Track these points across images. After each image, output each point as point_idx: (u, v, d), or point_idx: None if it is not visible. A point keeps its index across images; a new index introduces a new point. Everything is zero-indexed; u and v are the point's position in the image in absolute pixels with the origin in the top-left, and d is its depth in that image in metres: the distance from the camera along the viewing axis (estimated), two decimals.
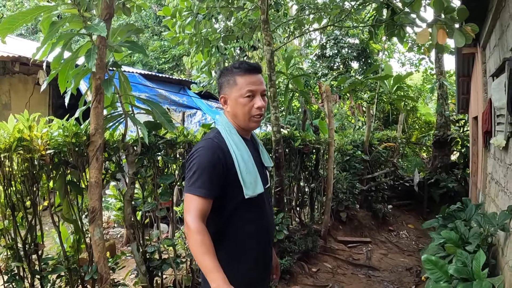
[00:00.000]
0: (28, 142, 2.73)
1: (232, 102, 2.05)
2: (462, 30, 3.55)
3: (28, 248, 3.03)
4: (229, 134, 2.04)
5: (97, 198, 2.92)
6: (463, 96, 8.96)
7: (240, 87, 2.01)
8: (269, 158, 2.29)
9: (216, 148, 1.95)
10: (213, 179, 1.90)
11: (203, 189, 1.87)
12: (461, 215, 5.58)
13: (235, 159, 1.97)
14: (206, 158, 1.91)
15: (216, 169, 1.91)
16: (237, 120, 2.07)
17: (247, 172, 1.98)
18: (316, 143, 6.36)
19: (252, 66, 2.07)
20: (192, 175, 1.90)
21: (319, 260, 5.83)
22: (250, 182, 1.97)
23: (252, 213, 2.04)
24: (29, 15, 2.94)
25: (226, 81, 2.06)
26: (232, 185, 1.95)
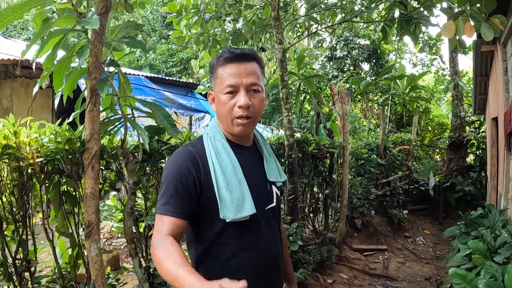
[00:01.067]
0: (15, 149, 2.46)
1: (216, 100, 1.64)
2: (489, 23, 3.24)
3: (20, 265, 2.76)
4: (212, 140, 1.63)
5: (94, 211, 2.64)
6: (481, 97, 8.66)
7: (221, 81, 1.60)
8: (279, 170, 1.80)
9: (187, 157, 1.57)
10: (183, 194, 1.51)
11: (169, 206, 1.49)
12: (484, 222, 5.28)
13: (212, 172, 1.56)
14: (174, 170, 1.55)
15: (185, 183, 1.52)
16: (222, 122, 1.66)
17: (229, 188, 1.55)
18: (330, 147, 6.07)
19: (235, 53, 1.61)
20: (160, 190, 1.56)
21: (335, 270, 5.52)
22: (231, 202, 1.53)
23: (243, 240, 1.60)
24: (19, 11, 2.68)
25: (212, 74, 1.67)
26: (211, 204, 1.54)
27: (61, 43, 2.83)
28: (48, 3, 2.80)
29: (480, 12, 3.39)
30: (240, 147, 1.68)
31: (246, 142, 1.72)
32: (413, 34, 5.07)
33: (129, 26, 3.09)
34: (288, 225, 4.75)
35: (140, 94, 8.84)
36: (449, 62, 10.32)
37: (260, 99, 1.63)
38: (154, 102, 8.56)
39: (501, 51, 5.32)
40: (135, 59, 17.61)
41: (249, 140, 1.74)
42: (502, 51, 5.28)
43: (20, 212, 2.72)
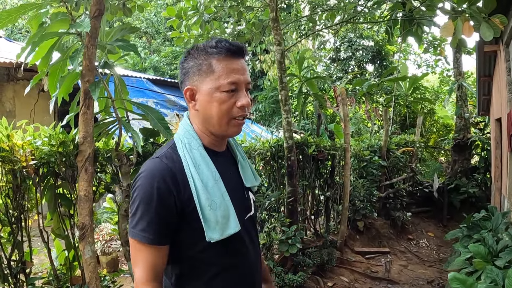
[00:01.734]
0: (8, 152, 2.46)
1: (205, 97, 1.41)
2: (490, 23, 3.21)
3: (15, 266, 2.77)
4: (188, 149, 1.42)
5: (87, 213, 2.64)
6: (484, 97, 8.61)
7: (218, 76, 1.39)
8: (253, 174, 1.65)
9: (163, 173, 1.35)
10: (162, 218, 1.33)
11: (148, 233, 1.31)
12: (487, 225, 5.24)
13: (194, 189, 1.36)
14: (150, 188, 1.32)
15: (165, 204, 1.33)
16: (209, 124, 1.45)
17: (214, 206, 1.37)
18: (331, 149, 6.04)
19: (236, 46, 1.42)
20: (134, 213, 1.33)
21: (335, 273, 5.49)
22: (217, 221, 1.37)
23: (227, 258, 1.46)
24: (14, 14, 2.70)
25: (196, 66, 1.42)
26: (193, 223, 1.37)
27: (56, 46, 2.84)
28: (43, 6, 2.81)
29: (480, 11, 3.36)
30: (215, 153, 1.50)
31: (221, 148, 1.55)
32: (416, 35, 5.04)
33: (124, 29, 3.09)
34: (287, 227, 4.73)
35: (142, 96, 8.88)
36: (453, 63, 10.26)
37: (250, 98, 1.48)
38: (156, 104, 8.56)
39: (504, 51, 5.28)
40: (139, 62, 17.66)
41: (224, 145, 1.57)
42: (505, 51, 5.25)
43: (15, 214, 2.73)
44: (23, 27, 19.19)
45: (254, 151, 5.22)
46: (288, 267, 4.83)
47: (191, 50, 1.47)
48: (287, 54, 10.87)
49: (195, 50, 1.45)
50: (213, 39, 1.45)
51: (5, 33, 17.01)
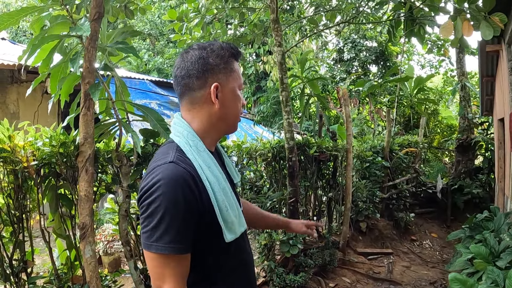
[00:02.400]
0: (9, 153, 2.50)
1: (228, 94, 1.43)
2: (489, 21, 3.21)
3: (17, 266, 2.80)
4: (197, 152, 1.40)
5: (88, 213, 2.66)
6: (487, 97, 8.58)
7: (238, 76, 1.46)
8: (235, 170, 1.67)
9: (185, 178, 1.29)
10: (189, 225, 1.29)
11: (178, 243, 1.27)
12: (489, 225, 5.24)
13: (211, 192, 1.34)
14: (174, 197, 1.25)
15: (191, 211, 1.29)
16: (224, 121, 1.46)
17: (228, 207, 1.38)
18: (333, 149, 6.04)
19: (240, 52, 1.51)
20: (156, 225, 1.25)
21: (337, 274, 5.49)
22: (232, 221, 1.38)
23: (236, 256, 1.48)
24: (15, 17, 2.73)
25: (223, 62, 1.44)
26: (209, 227, 1.36)
27: (58, 48, 2.87)
28: (45, 9, 2.84)
29: (479, 10, 3.37)
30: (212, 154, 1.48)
31: (213, 148, 1.55)
32: (418, 35, 5.04)
33: (125, 31, 3.12)
34: None
35: (145, 98, 8.90)
36: (456, 63, 10.23)
37: None
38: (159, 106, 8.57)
39: (506, 50, 5.26)
40: (143, 64, 17.73)
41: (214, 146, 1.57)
42: (507, 51, 5.23)
43: (16, 214, 2.76)
44: (27, 30, 19.31)
45: (255, 152, 5.24)
46: (289, 267, 4.84)
47: (214, 47, 1.45)
48: (290, 55, 10.90)
49: (219, 48, 1.45)
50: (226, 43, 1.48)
51: (9, 35, 17.11)
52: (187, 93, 1.45)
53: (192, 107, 1.45)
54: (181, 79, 1.45)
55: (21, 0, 20.17)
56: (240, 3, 5.43)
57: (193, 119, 1.46)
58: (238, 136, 5.92)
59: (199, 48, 1.46)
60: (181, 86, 1.46)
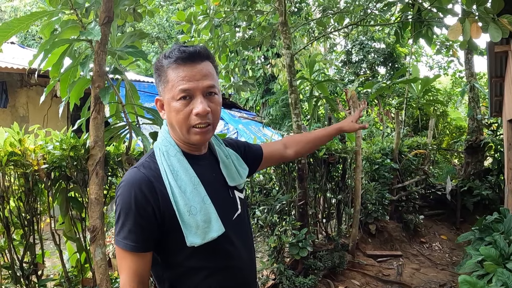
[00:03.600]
0: (20, 156, 2.52)
1: (166, 107, 1.45)
2: (498, 23, 3.20)
3: (27, 268, 2.83)
4: (166, 156, 1.45)
5: (98, 216, 2.68)
6: (496, 98, 8.51)
7: (172, 85, 1.40)
8: (238, 171, 1.64)
9: (139, 182, 1.37)
10: (142, 226, 1.36)
11: (130, 240, 1.35)
12: (499, 227, 5.19)
13: (171, 195, 1.38)
14: (128, 198, 1.35)
15: (143, 213, 1.35)
16: (176, 132, 1.47)
17: (193, 211, 1.39)
18: (342, 152, 6.02)
19: (187, 52, 1.41)
20: (117, 221, 1.38)
21: (347, 277, 5.47)
22: (197, 226, 1.38)
23: (216, 260, 1.47)
24: (25, 22, 2.76)
25: (159, 76, 1.46)
26: (174, 230, 1.40)
27: (68, 52, 2.89)
28: (55, 14, 2.87)
29: (488, 12, 3.35)
30: (196, 157, 1.52)
31: (202, 150, 1.56)
32: (426, 37, 5.03)
33: (133, 35, 3.14)
34: (298, 231, 4.74)
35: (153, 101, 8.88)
36: (465, 64, 10.17)
37: (218, 103, 1.47)
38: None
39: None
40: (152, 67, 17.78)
41: (205, 147, 1.58)
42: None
43: (27, 217, 2.79)
44: (36, 34, 19.47)
45: None
46: (299, 270, 4.84)
47: (156, 62, 1.48)
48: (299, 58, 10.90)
49: (157, 61, 1.47)
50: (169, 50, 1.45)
51: (19, 39, 17.27)
52: None
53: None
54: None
55: (29, 4, 20.32)
56: (248, 6, 5.45)
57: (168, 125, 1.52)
58: (248, 139, 5.93)
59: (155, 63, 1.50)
60: None
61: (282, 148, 1.98)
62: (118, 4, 3.13)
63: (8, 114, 8.74)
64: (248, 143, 1.89)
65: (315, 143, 2.12)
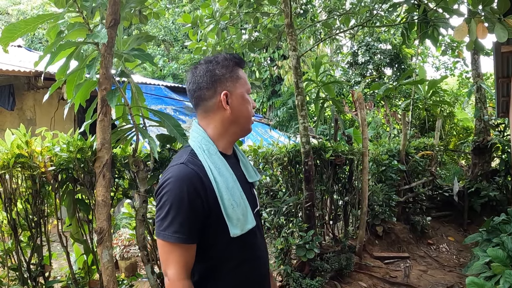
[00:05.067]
0: (27, 158, 2.54)
1: (238, 100, 1.60)
2: (504, 24, 3.18)
3: (35, 270, 2.84)
4: (208, 155, 1.56)
5: (105, 218, 2.69)
6: (503, 99, 8.44)
7: (245, 82, 1.64)
8: (254, 170, 1.81)
9: (191, 177, 1.47)
10: (192, 219, 1.46)
11: (181, 233, 1.44)
12: (506, 228, 5.16)
13: (217, 190, 1.50)
14: (180, 193, 1.44)
15: (194, 206, 1.45)
16: (237, 124, 1.63)
17: (235, 205, 1.52)
18: (349, 153, 6.01)
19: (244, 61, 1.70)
20: (165, 217, 1.45)
21: (354, 278, 5.45)
22: (238, 219, 1.53)
23: (244, 251, 1.60)
24: (31, 24, 2.77)
25: (229, 72, 1.61)
26: (216, 224, 1.52)
27: (74, 54, 2.91)
28: (61, 16, 2.89)
29: (494, 13, 3.34)
30: (227, 156, 1.65)
31: (230, 151, 1.70)
32: (432, 37, 5.00)
33: (140, 37, 3.15)
34: (305, 232, 4.73)
35: (160, 103, 8.97)
36: (471, 65, 10.12)
37: None
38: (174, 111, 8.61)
39: None
40: (158, 69, 17.85)
41: (231, 148, 1.72)
42: None
43: (34, 219, 2.80)
44: (43, 37, 19.58)
45: (271, 156, 5.24)
46: (305, 272, 4.82)
47: (219, 59, 1.64)
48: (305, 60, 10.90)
49: (222, 59, 1.63)
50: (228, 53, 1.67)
51: (25, 42, 17.37)
52: (200, 103, 1.63)
53: (207, 115, 1.63)
54: (194, 92, 1.64)
55: (36, 8, 20.46)
56: (254, 8, 5.45)
57: (208, 125, 1.63)
58: (254, 141, 5.92)
59: (205, 62, 1.65)
60: (194, 98, 1.65)
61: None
62: (124, 7, 3.14)
63: (15, 117, 8.80)
64: None
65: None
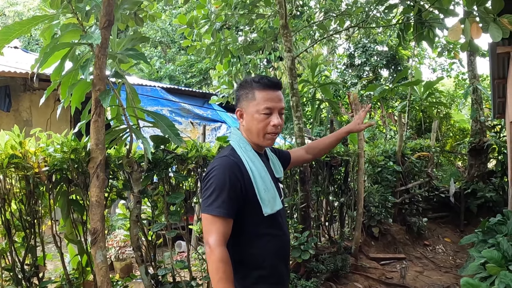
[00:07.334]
0: (21, 159, 2.53)
1: (248, 117, 2.00)
2: (498, 23, 3.19)
3: (29, 270, 2.83)
4: (244, 151, 1.99)
5: (99, 219, 2.69)
6: (499, 100, 8.47)
7: (258, 103, 1.96)
8: (280, 168, 2.24)
9: (233, 166, 1.90)
10: (232, 198, 1.84)
11: (223, 208, 1.81)
12: (502, 229, 5.16)
13: (253, 177, 1.92)
14: (223, 177, 1.86)
15: (235, 188, 1.86)
16: (251, 135, 2.03)
17: (266, 190, 1.94)
18: (344, 154, 6.01)
19: (273, 82, 2.00)
20: (210, 195, 1.84)
21: (349, 279, 5.45)
22: (269, 200, 1.93)
23: (273, 229, 2.00)
24: (26, 26, 2.78)
25: (245, 94, 2.01)
26: (251, 204, 1.91)
27: (69, 55, 2.91)
28: (55, 18, 2.89)
29: (488, 12, 3.35)
30: (259, 154, 2.06)
31: (261, 151, 2.12)
32: (428, 38, 5.02)
33: (134, 38, 3.15)
34: (300, 233, 4.73)
35: (156, 105, 8.96)
36: (468, 66, 10.14)
37: (283, 121, 2.03)
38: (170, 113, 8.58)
39: None
40: (155, 71, 17.83)
41: (263, 149, 2.15)
42: None
43: (28, 219, 2.80)
44: (40, 38, 19.51)
45: None
46: (301, 273, 4.82)
47: (243, 83, 2.06)
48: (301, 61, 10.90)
49: (245, 82, 2.04)
50: (257, 76, 2.04)
51: (22, 44, 17.34)
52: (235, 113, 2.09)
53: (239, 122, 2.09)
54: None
55: (33, 9, 20.44)
56: (249, 10, 5.45)
57: (242, 130, 2.08)
58: None
59: (239, 84, 2.10)
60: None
61: (304, 153, 2.59)
62: (119, 8, 3.14)
63: (11, 118, 8.77)
64: (279, 149, 2.51)
65: (328, 146, 2.71)
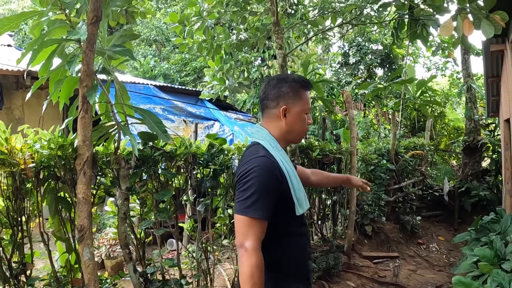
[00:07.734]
0: (6, 155, 2.50)
1: (294, 115, 1.99)
2: (490, 20, 3.19)
3: (16, 268, 2.80)
4: (277, 150, 1.96)
5: (86, 216, 2.66)
6: (493, 98, 8.49)
7: (305, 103, 2.00)
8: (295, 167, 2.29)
9: (273, 167, 1.87)
10: (272, 201, 1.83)
11: (262, 211, 1.79)
12: (495, 227, 5.17)
13: (288, 178, 1.91)
14: (266, 179, 1.82)
15: (275, 191, 1.84)
16: (291, 134, 2.03)
17: (299, 189, 1.96)
18: (337, 152, 6.00)
19: (310, 83, 2.08)
20: (249, 197, 1.79)
21: (342, 278, 5.43)
22: (302, 199, 1.95)
23: (301, 228, 2.03)
24: (14, 21, 2.75)
25: (293, 91, 2.00)
26: (286, 205, 1.91)
27: (57, 52, 2.88)
28: (44, 14, 2.86)
29: (480, 9, 3.34)
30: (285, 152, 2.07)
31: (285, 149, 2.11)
32: (422, 37, 5.01)
33: (123, 35, 3.13)
34: None
35: (149, 103, 8.90)
36: (462, 65, 10.16)
37: None
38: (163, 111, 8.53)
39: (510, 50, 5.21)
40: (149, 69, 17.77)
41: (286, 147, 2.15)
42: (511, 50, 5.17)
43: (15, 216, 2.77)
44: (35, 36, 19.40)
45: None
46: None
47: (285, 79, 2.04)
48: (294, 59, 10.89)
49: (289, 80, 2.03)
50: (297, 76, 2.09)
51: (16, 42, 17.24)
52: (265, 110, 2.06)
53: (270, 120, 2.04)
54: (262, 99, 2.07)
55: (28, 7, 20.34)
56: (241, 7, 5.43)
57: (270, 128, 2.02)
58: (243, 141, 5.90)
59: (278, 79, 2.06)
60: (262, 104, 2.07)
61: (309, 174, 2.54)
62: (108, 4, 3.11)
63: (3, 116, 8.69)
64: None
65: (329, 180, 2.72)
